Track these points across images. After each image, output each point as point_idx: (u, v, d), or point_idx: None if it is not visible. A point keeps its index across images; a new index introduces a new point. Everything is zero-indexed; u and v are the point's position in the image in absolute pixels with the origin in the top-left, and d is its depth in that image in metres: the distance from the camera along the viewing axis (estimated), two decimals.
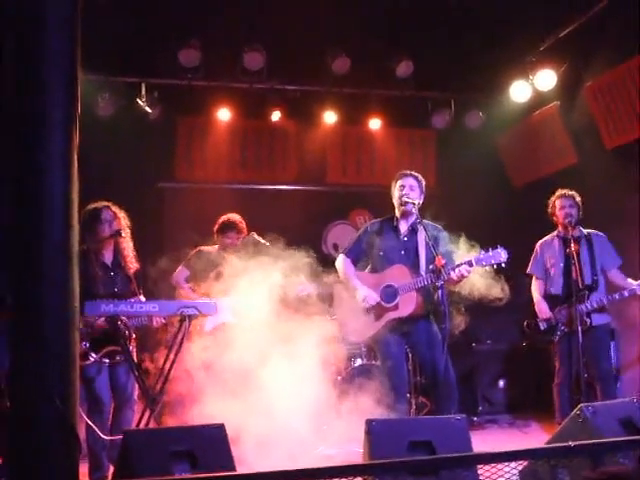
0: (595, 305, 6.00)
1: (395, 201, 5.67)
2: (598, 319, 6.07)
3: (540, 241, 6.57)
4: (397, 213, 5.70)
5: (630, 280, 6.11)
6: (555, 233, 6.45)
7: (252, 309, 5.73)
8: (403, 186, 5.59)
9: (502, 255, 5.22)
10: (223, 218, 6.73)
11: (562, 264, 6.28)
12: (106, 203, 5.51)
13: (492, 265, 5.25)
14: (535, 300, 6.42)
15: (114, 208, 5.52)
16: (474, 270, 5.29)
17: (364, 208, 9.41)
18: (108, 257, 5.52)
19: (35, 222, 3.23)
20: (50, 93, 3.32)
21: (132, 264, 5.55)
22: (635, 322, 7.22)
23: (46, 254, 3.21)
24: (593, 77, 7.83)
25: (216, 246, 6.74)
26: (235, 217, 6.73)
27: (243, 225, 6.69)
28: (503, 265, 5.23)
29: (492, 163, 9.48)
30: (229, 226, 6.66)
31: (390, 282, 5.48)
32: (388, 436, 3.83)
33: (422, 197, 5.63)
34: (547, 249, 6.46)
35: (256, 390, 5.49)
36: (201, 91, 8.61)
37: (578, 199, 6.29)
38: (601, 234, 6.32)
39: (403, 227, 5.68)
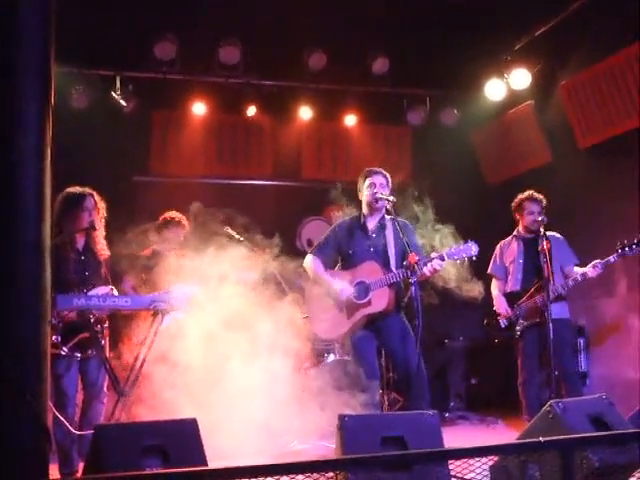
0: (552, 295, 6.04)
1: (364, 198, 5.65)
2: (557, 312, 6.07)
3: (501, 242, 6.67)
4: (364, 211, 5.70)
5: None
6: (514, 234, 6.55)
7: (201, 303, 5.70)
8: (373, 184, 5.58)
9: (472, 249, 5.28)
10: (169, 214, 6.82)
11: (521, 261, 6.39)
12: (89, 190, 5.46)
13: (463, 259, 5.30)
14: (494, 296, 6.52)
15: (96, 197, 5.47)
16: (446, 264, 5.34)
17: (339, 204, 9.40)
18: (80, 243, 5.46)
19: (7, 216, 3.20)
20: (23, 85, 3.28)
21: (103, 251, 5.53)
22: (605, 319, 7.31)
23: (18, 249, 3.18)
24: (567, 76, 7.89)
25: (152, 247, 6.73)
26: (177, 213, 6.82)
27: (185, 221, 6.78)
28: (474, 258, 5.28)
29: (467, 160, 9.54)
30: (173, 222, 6.76)
31: (361, 279, 5.49)
32: (360, 431, 3.84)
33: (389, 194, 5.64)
34: (506, 249, 6.59)
35: (224, 386, 5.48)
36: (176, 85, 8.58)
37: (545, 201, 6.35)
38: (559, 236, 6.40)
39: (371, 224, 5.68)
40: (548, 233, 6.31)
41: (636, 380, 6.85)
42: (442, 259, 5.28)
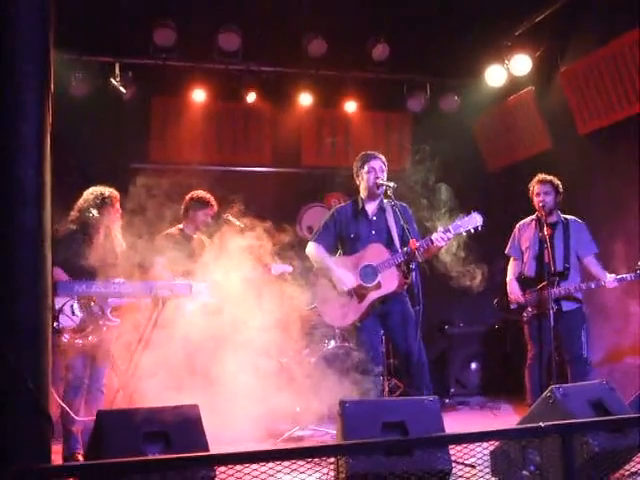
0: (563, 293, 6.07)
1: (363, 183, 5.64)
2: (568, 305, 6.14)
3: (519, 223, 6.62)
4: (363, 195, 5.68)
5: (604, 271, 6.17)
6: (534, 216, 6.49)
7: (228, 289, 5.72)
8: (373, 169, 5.56)
9: (477, 219, 5.27)
10: (197, 194, 6.59)
11: (536, 247, 6.35)
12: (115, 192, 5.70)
13: (469, 231, 5.28)
14: (507, 280, 6.49)
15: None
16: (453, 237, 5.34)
17: (338, 191, 9.40)
18: (99, 236, 5.55)
19: (6, 203, 3.20)
20: (23, 72, 3.28)
21: (120, 246, 5.64)
22: (605, 306, 7.32)
23: (18, 236, 3.19)
24: (568, 62, 7.87)
25: (180, 225, 6.63)
26: (206, 193, 6.61)
27: (214, 202, 6.60)
28: (479, 229, 5.26)
29: (467, 147, 9.52)
30: (204, 202, 6.57)
31: (368, 262, 5.47)
32: (361, 417, 3.86)
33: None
34: (524, 231, 6.53)
35: (228, 372, 5.50)
36: (176, 71, 8.53)
37: (557, 184, 6.31)
38: (579, 221, 6.35)
39: (370, 208, 5.67)
40: (569, 217, 6.31)
41: (635, 366, 6.86)
42: (448, 232, 5.26)
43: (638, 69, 6.91)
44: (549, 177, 6.32)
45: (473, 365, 8.76)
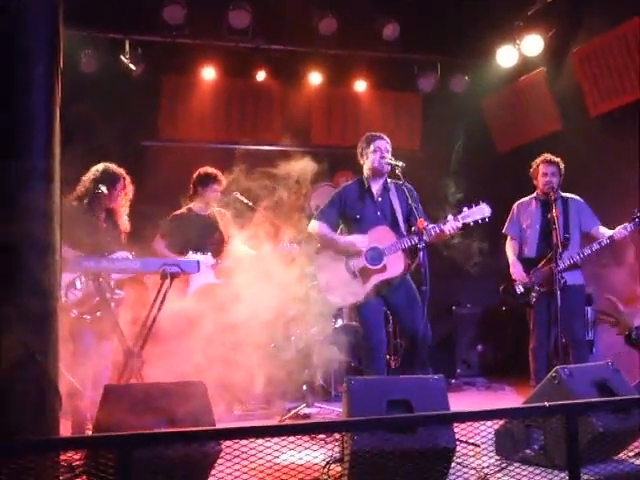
0: (567, 262, 6.02)
1: (368, 163, 5.61)
2: (572, 278, 6.06)
3: (518, 202, 6.59)
4: (368, 175, 5.66)
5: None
6: (534, 195, 6.48)
7: (235, 269, 5.75)
8: (379, 149, 5.55)
9: (486, 210, 5.27)
10: (204, 170, 6.59)
11: (538, 226, 6.33)
12: (124, 173, 5.60)
13: (477, 221, 5.28)
14: (510, 261, 6.44)
15: (128, 179, 5.63)
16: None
17: (348, 170, 9.38)
18: (102, 213, 5.55)
19: (16, 177, 3.22)
20: (32, 49, 3.29)
21: (124, 226, 5.63)
22: (613, 287, 7.31)
23: (27, 215, 3.21)
24: (580, 44, 7.82)
25: (190, 205, 6.64)
26: (213, 169, 6.60)
27: (222, 177, 6.58)
28: (487, 220, 5.26)
29: (477, 127, 9.49)
30: (211, 177, 6.55)
31: (374, 244, 5.47)
32: (367, 394, 3.88)
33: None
34: (524, 210, 6.50)
35: (238, 351, 5.53)
36: (186, 49, 8.53)
37: (562, 166, 6.31)
38: (579, 199, 6.35)
39: (375, 188, 5.65)
40: (567, 195, 6.30)
41: None
42: (457, 221, 5.27)
43: None
44: (556, 158, 6.31)
45: (479, 346, 8.79)
